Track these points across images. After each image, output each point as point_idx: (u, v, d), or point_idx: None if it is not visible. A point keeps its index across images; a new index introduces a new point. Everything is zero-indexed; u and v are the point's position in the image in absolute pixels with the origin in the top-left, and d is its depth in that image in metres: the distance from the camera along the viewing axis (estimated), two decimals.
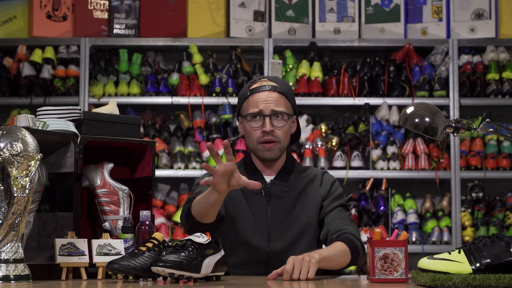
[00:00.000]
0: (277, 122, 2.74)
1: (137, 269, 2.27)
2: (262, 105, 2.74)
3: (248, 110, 2.76)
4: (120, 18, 5.34)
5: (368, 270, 2.31)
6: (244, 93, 2.81)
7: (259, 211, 2.76)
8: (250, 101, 2.77)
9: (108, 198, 2.67)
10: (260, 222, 2.73)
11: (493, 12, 5.30)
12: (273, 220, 2.75)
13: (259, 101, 2.74)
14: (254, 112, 2.74)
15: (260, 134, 2.74)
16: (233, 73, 5.24)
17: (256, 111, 2.74)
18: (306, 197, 2.79)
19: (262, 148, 2.76)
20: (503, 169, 5.13)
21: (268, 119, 2.73)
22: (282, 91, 2.76)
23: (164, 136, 5.24)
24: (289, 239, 2.74)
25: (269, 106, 2.73)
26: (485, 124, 2.39)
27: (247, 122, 2.76)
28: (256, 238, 2.73)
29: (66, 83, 5.22)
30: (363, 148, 5.18)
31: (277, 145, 2.75)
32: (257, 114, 2.74)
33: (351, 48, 5.36)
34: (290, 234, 2.74)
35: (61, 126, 2.59)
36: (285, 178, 2.81)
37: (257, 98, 2.75)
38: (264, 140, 2.74)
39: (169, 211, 5.16)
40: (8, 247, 2.24)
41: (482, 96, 5.21)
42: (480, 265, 2.14)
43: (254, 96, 2.76)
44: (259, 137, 2.74)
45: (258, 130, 2.75)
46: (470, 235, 5.07)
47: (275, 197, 2.77)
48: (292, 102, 2.81)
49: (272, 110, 2.73)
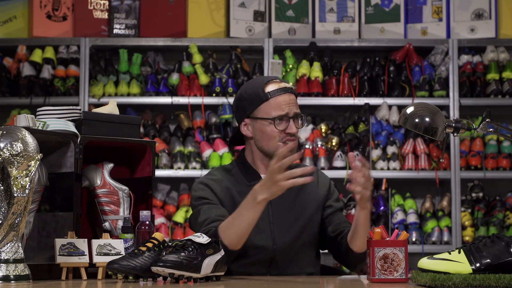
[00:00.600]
0: (297, 123, 2.79)
1: (137, 269, 2.27)
2: (287, 108, 2.76)
3: (271, 113, 2.76)
4: (120, 18, 5.34)
5: (368, 270, 2.31)
6: (259, 95, 2.78)
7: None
8: (272, 104, 2.76)
9: (108, 198, 2.67)
10: (262, 222, 2.72)
11: (493, 12, 5.30)
12: (275, 218, 2.75)
13: (284, 104, 2.76)
14: (281, 115, 2.75)
15: (283, 135, 2.76)
16: (233, 73, 5.24)
17: (283, 114, 2.75)
18: (305, 193, 2.81)
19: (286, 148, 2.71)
20: (503, 169, 5.13)
21: (292, 121, 2.76)
22: (294, 92, 2.84)
23: (164, 136, 5.24)
24: (293, 235, 2.74)
25: (292, 108, 2.76)
26: (485, 124, 2.39)
27: (274, 125, 2.75)
28: (260, 239, 2.72)
29: (66, 83, 5.22)
30: (363, 148, 5.18)
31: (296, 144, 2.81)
32: (284, 116, 2.76)
33: (351, 48, 5.36)
34: (293, 230, 2.75)
35: (61, 126, 2.59)
36: None
37: (281, 101, 2.76)
38: (287, 140, 2.76)
39: (169, 211, 5.16)
40: (8, 247, 2.24)
41: (482, 96, 5.20)
42: (480, 265, 2.14)
43: (278, 99, 2.76)
44: (281, 138, 2.76)
45: (283, 132, 2.76)
46: (470, 235, 5.07)
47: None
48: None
49: (295, 112, 2.77)
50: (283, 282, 2.41)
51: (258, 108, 2.77)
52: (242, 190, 2.77)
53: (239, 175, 2.82)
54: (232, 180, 2.81)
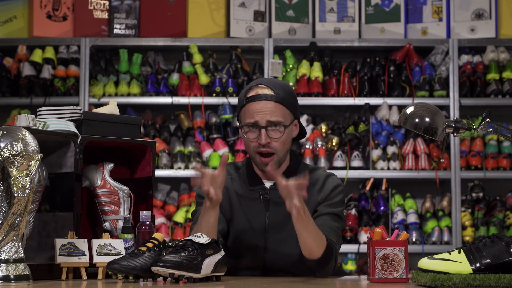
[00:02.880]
0: (273, 133, 2.65)
1: (137, 269, 2.27)
2: (257, 116, 2.65)
3: (245, 120, 2.68)
4: (120, 18, 5.34)
5: (368, 270, 2.31)
6: (241, 100, 2.71)
7: (257, 217, 2.71)
8: (246, 111, 2.67)
9: (108, 198, 2.67)
10: (258, 228, 2.69)
11: (493, 12, 5.30)
12: (271, 226, 2.70)
13: (255, 112, 2.64)
14: (250, 122, 2.66)
15: (256, 144, 2.66)
16: (233, 73, 5.24)
17: (251, 122, 2.66)
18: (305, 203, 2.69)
19: (259, 161, 2.69)
20: (503, 169, 5.13)
21: (264, 130, 2.64)
22: (279, 99, 2.66)
23: (164, 136, 5.24)
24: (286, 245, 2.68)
25: (264, 117, 2.64)
26: (485, 124, 2.39)
27: (243, 133, 2.68)
28: (252, 245, 2.69)
29: (66, 83, 5.22)
30: (363, 148, 5.18)
31: (274, 157, 2.67)
32: (253, 125, 2.66)
33: (351, 48, 5.36)
34: (287, 240, 2.68)
35: (61, 126, 2.59)
36: None
37: (252, 109, 2.65)
38: (259, 151, 2.67)
39: (169, 211, 5.16)
40: (8, 247, 2.24)
41: (482, 96, 5.20)
42: (480, 265, 2.14)
43: (250, 106, 2.66)
44: (255, 147, 2.67)
45: (254, 141, 2.67)
46: (470, 235, 5.07)
47: (273, 203, 2.71)
48: (291, 107, 2.70)
49: (268, 121, 2.64)
50: (283, 282, 2.41)
51: (239, 113, 2.73)
52: (243, 193, 2.74)
53: (245, 176, 2.78)
54: (236, 179, 2.78)
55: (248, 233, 2.70)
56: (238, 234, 2.72)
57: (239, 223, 2.72)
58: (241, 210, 2.73)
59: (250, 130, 2.67)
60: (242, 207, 2.73)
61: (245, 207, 2.73)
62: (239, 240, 2.72)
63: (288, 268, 2.71)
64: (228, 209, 2.74)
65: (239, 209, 2.74)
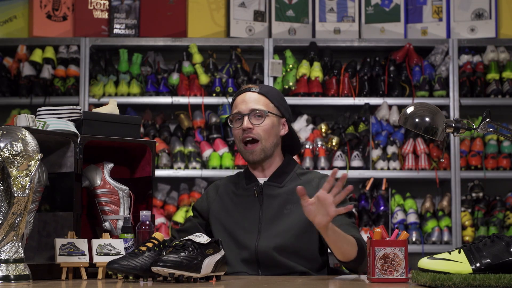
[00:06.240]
0: (255, 119, 2.78)
1: (137, 269, 2.27)
2: (241, 106, 2.81)
3: (232, 113, 2.84)
4: (120, 18, 5.34)
5: (368, 270, 2.31)
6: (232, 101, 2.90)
7: (251, 211, 2.78)
8: (233, 105, 2.86)
9: (108, 198, 2.67)
10: (252, 222, 2.75)
11: (493, 12, 5.30)
12: (264, 219, 2.75)
13: (239, 103, 2.82)
14: (234, 113, 2.81)
15: (240, 132, 2.79)
16: (233, 73, 5.24)
17: (236, 111, 2.81)
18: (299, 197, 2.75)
19: (245, 150, 2.80)
20: (503, 169, 5.13)
21: (246, 117, 2.78)
22: (263, 91, 2.82)
23: (164, 136, 5.24)
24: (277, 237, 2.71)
25: (247, 106, 2.79)
26: (485, 124, 2.39)
27: (231, 125, 2.83)
28: (246, 238, 2.74)
29: (66, 83, 5.22)
30: (363, 148, 5.18)
31: (258, 145, 2.77)
32: (237, 114, 2.80)
33: (351, 48, 5.36)
34: (279, 232, 2.72)
35: (61, 126, 2.59)
36: (280, 179, 2.81)
37: (237, 100, 2.83)
38: (243, 138, 2.78)
39: (169, 211, 5.16)
40: (8, 247, 2.24)
41: (482, 96, 5.20)
42: (480, 265, 2.14)
43: (236, 100, 2.84)
44: (240, 135, 2.79)
45: (239, 130, 2.79)
46: (470, 235, 5.07)
47: (267, 196, 2.78)
48: (278, 104, 2.83)
49: (251, 109, 2.78)
50: (283, 282, 2.41)
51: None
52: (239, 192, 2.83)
53: (242, 175, 2.88)
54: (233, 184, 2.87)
55: (245, 228, 2.75)
56: (236, 230, 2.76)
57: (237, 219, 2.78)
58: (237, 206, 2.81)
59: (236, 120, 2.82)
60: (239, 203, 2.81)
61: (240, 204, 2.81)
62: (234, 234, 2.76)
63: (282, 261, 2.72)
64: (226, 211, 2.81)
65: (234, 206, 2.81)
